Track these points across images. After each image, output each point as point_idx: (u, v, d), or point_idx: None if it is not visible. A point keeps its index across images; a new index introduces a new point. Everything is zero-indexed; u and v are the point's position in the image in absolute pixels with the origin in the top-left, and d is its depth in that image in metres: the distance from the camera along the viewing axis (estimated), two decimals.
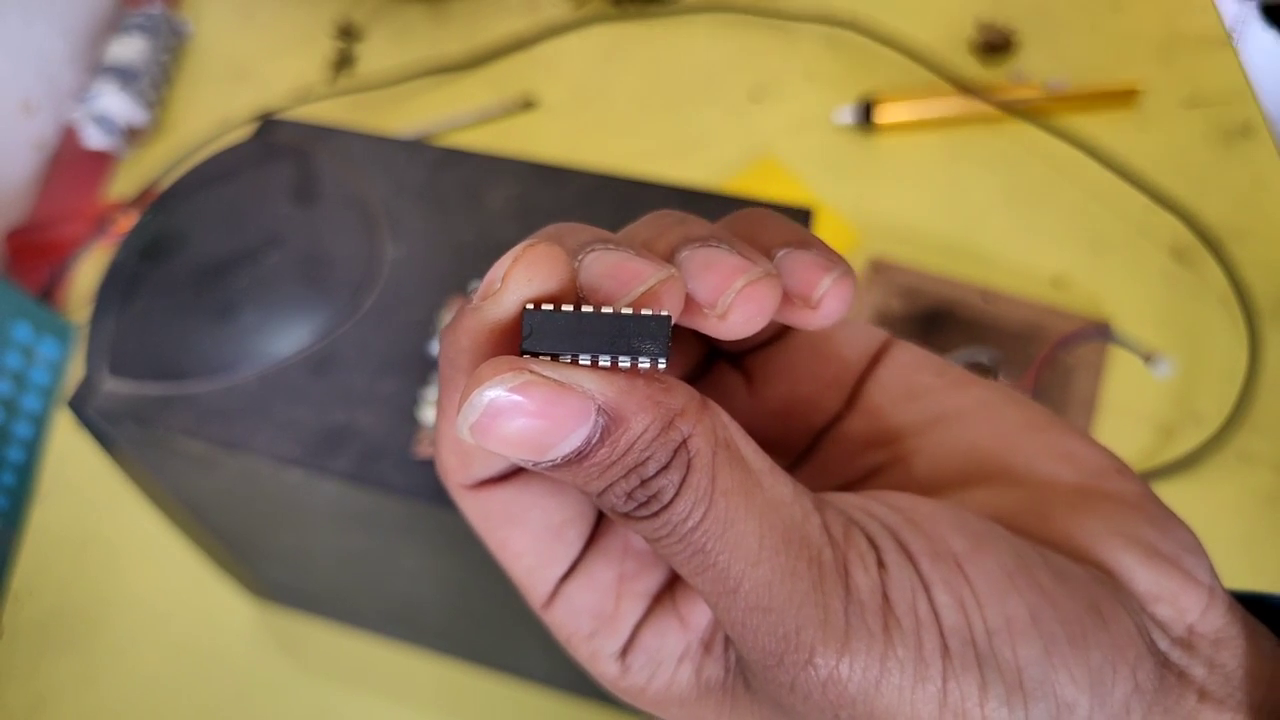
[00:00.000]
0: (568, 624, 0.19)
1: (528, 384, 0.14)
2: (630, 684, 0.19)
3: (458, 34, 0.71)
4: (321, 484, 0.33)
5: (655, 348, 0.15)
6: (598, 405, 0.14)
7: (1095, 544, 0.17)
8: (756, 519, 0.15)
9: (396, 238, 0.38)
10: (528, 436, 0.14)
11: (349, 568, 0.43)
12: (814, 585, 0.15)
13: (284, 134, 0.41)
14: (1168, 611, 0.17)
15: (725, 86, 0.67)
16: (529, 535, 0.18)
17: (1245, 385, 0.51)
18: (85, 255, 0.64)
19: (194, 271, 0.37)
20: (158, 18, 0.71)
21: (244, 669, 0.50)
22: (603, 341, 0.15)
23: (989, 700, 0.15)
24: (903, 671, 0.15)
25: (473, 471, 0.18)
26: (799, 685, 0.15)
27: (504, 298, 0.15)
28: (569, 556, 0.19)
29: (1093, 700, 0.15)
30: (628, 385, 0.15)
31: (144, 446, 0.36)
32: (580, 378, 0.15)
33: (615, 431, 0.15)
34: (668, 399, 0.15)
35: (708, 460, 0.15)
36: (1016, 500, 0.18)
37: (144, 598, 0.52)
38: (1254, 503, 0.49)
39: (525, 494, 0.18)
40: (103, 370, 0.36)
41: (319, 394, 0.34)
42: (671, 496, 0.15)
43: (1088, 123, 0.60)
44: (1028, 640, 0.15)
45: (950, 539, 0.16)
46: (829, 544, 0.16)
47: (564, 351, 0.15)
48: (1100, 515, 0.17)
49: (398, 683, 0.49)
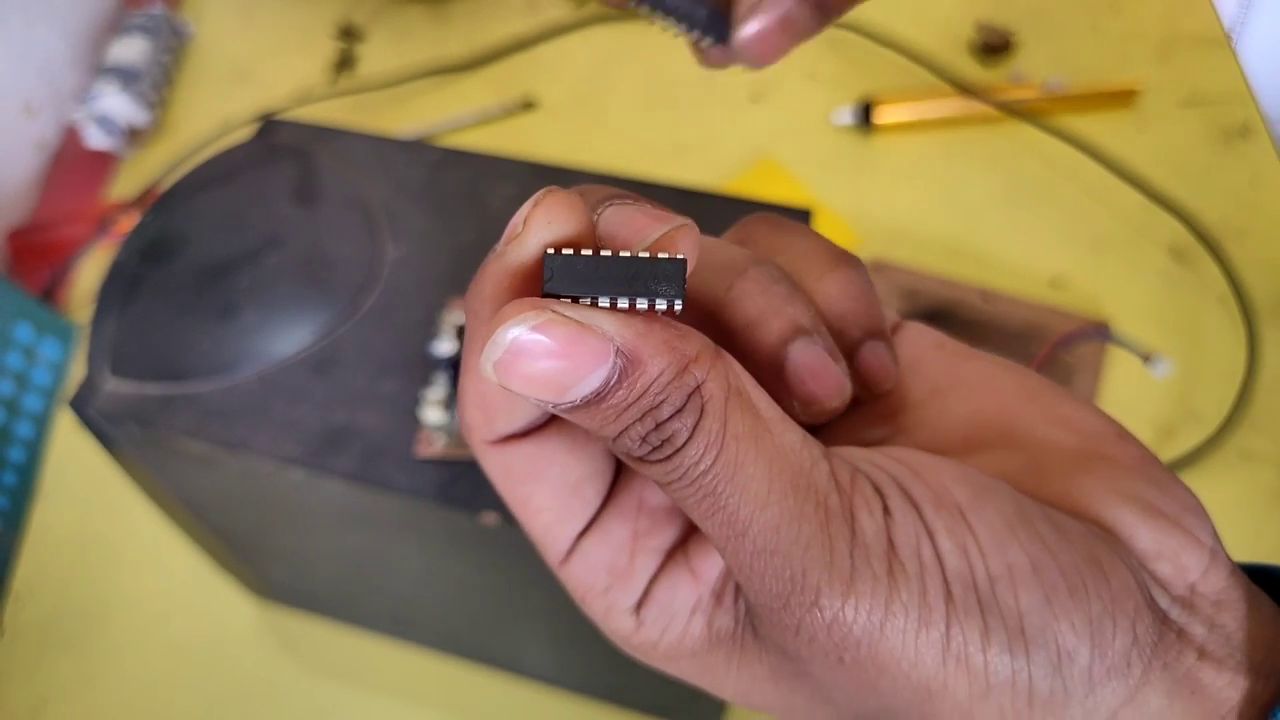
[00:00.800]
0: (584, 579, 0.19)
1: (549, 322, 0.15)
2: (644, 638, 0.19)
3: (458, 35, 0.72)
4: (322, 484, 0.34)
5: (671, 289, 0.15)
6: (616, 347, 0.15)
7: (1096, 502, 0.17)
8: (766, 463, 0.15)
9: (397, 238, 0.38)
10: (549, 375, 0.15)
11: (350, 567, 0.43)
12: (820, 528, 0.15)
13: (285, 135, 0.41)
14: (1168, 569, 0.17)
15: (725, 87, 0.67)
16: (549, 491, 0.19)
17: (1244, 384, 0.52)
18: (87, 256, 0.64)
19: (195, 272, 0.37)
20: (159, 19, 0.71)
21: (245, 668, 0.50)
22: (621, 284, 0.15)
23: (991, 646, 0.15)
24: (907, 615, 0.15)
25: (496, 426, 0.18)
26: (804, 627, 0.15)
27: (526, 240, 0.16)
28: (587, 512, 0.19)
29: (1093, 650, 0.15)
30: (645, 329, 0.15)
31: (145, 446, 0.36)
32: (600, 320, 0.15)
33: (633, 373, 0.15)
34: (683, 344, 0.15)
35: (720, 405, 0.15)
36: (1017, 463, 0.18)
37: (145, 597, 0.52)
38: (1254, 501, 0.49)
39: (546, 449, 0.18)
40: (104, 370, 0.36)
41: (320, 394, 0.34)
42: (685, 440, 0.15)
43: (1087, 123, 0.60)
44: (1029, 588, 0.15)
45: (953, 489, 0.16)
46: (835, 489, 0.16)
47: (584, 294, 0.15)
48: (1100, 475, 0.18)
49: (399, 681, 0.49)
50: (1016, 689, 0.15)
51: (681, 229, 0.16)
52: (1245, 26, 0.84)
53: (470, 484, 0.32)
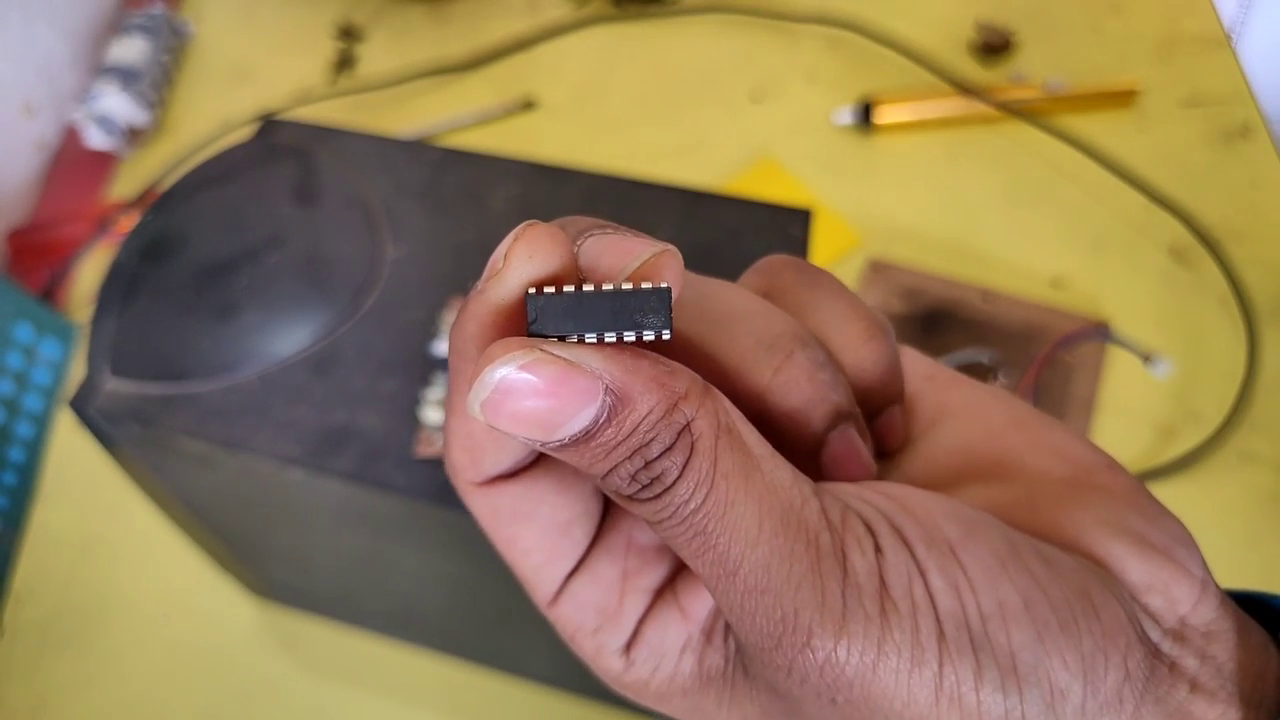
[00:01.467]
0: (573, 620, 0.19)
1: (537, 361, 0.15)
2: (634, 678, 0.19)
3: (458, 35, 0.72)
4: (322, 484, 0.34)
5: (658, 320, 0.15)
6: (605, 385, 0.15)
7: (1086, 535, 0.17)
8: (756, 502, 0.15)
9: (397, 238, 0.38)
10: (537, 415, 0.15)
11: (350, 567, 0.43)
12: (811, 567, 0.15)
13: (285, 134, 0.41)
14: (1159, 602, 0.17)
15: (725, 87, 0.67)
16: (536, 532, 0.18)
17: (1244, 384, 0.52)
18: (87, 255, 0.64)
19: (195, 272, 0.37)
20: (159, 18, 0.71)
21: (245, 668, 0.50)
22: (607, 319, 0.15)
23: (984, 685, 0.15)
24: (899, 655, 0.15)
25: (482, 468, 0.18)
26: (796, 668, 0.15)
27: (507, 277, 0.16)
28: (575, 553, 0.19)
29: (1086, 687, 0.15)
30: (634, 365, 0.15)
31: (145, 446, 0.36)
32: (588, 357, 0.15)
33: (622, 411, 0.15)
34: (672, 381, 0.15)
35: (710, 443, 0.15)
36: (1008, 494, 0.18)
37: (145, 597, 0.52)
38: (1254, 502, 0.49)
39: (534, 491, 0.18)
40: (104, 370, 0.36)
41: (320, 394, 0.34)
42: (674, 479, 0.15)
43: (1087, 123, 0.61)
44: (1021, 625, 0.15)
45: (944, 526, 0.16)
46: (827, 528, 0.16)
47: (570, 332, 0.15)
48: (1091, 507, 0.18)
49: (399, 682, 0.49)
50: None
51: (664, 255, 0.16)
52: (1245, 26, 0.84)
53: None
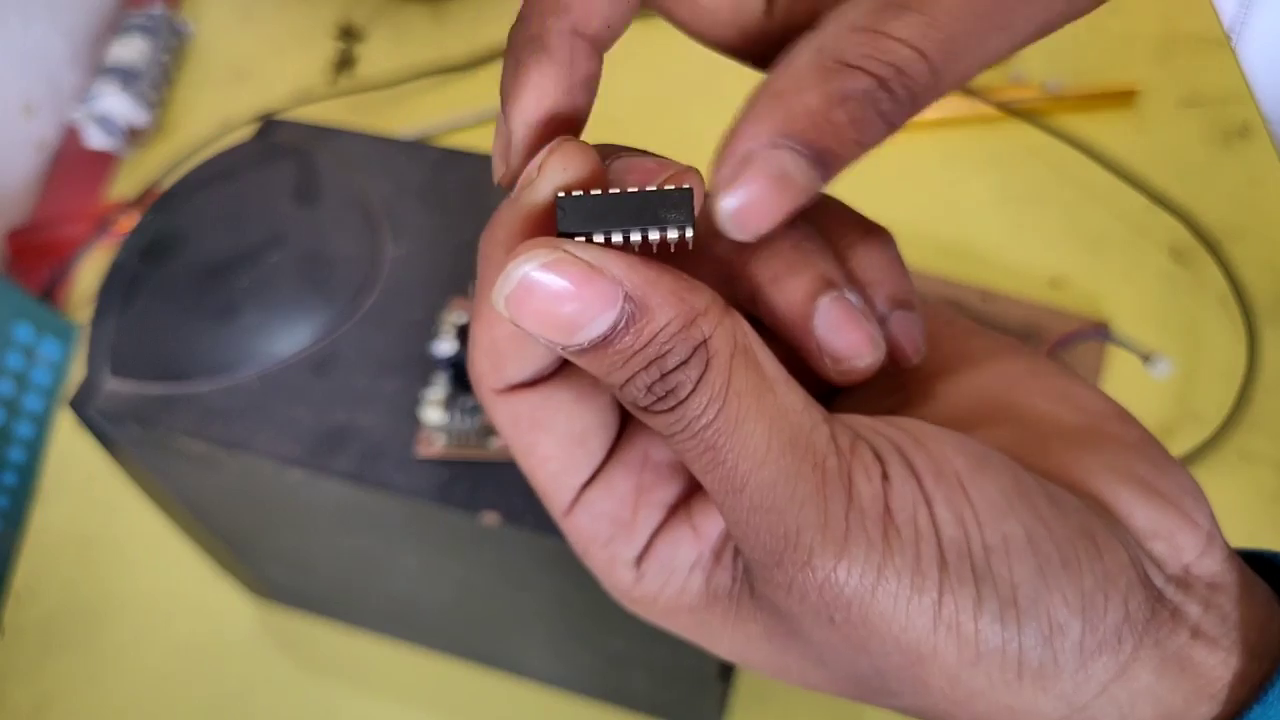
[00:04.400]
0: (587, 530, 0.19)
1: (560, 260, 0.15)
2: (643, 592, 0.19)
3: (458, 35, 0.72)
4: (322, 484, 0.34)
5: (680, 216, 0.16)
6: (625, 292, 0.15)
7: (1094, 479, 0.17)
8: (766, 422, 0.16)
9: (397, 238, 0.38)
10: (558, 314, 0.15)
11: (350, 567, 0.43)
12: (816, 489, 0.16)
13: (285, 134, 0.41)
14: (1163, 548, 0.17)
15: (727, 87, 0.67)
16: (554, 440, 0.19)
17: (1244, 384, 0.52)
18: (87, 255, 0.64)
19: (195, 272, 0.37)
20: (158, 18, 0.71)
21: (246, 668, 0.50)
22: (631, 216, 0.15)
23: (983, 615, 0.15)
24: (899, 580, 0.15)
25: (505, 374, 0.18)
26: (796, 586, 0.16)
27: (540, 185, 0.16)
28: (591, 464, 0.19)
29: (1084, 624, 0.15)
30: (655, 278, 0.15)
31: (145, 446, 0.36)
32: (611, 263, 0.15)
33: (640, 320, 0.15)
34: (692, 297, 0.16)
35: (725, 360, 0.16)
36: (1019, 437, 0.18)
37: (146, 597, 0.52)
38: (1254, 501, 0.49)
39: (552, 399, 0.18)
40: (104, 370, 0.36)
41: (320, 394, 0.34)
42: (688, 392, 0.15)
43: (1086, 123, 0.60)
44: (1023, 560, 0.15)
45: (954, 459, 0.16)
46: (835, 453, 0.16)
47: (596, 229, 0.16)
48: (1100, 452, 0.18)
49: (399, 681, 0.49)
50: (1006, 658, 0.15)
51: (688, 171, 0.17)
52: (1245, 26, 0.84)
53: (470, 484, 0.33)
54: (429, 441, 0.33)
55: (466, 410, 0.33)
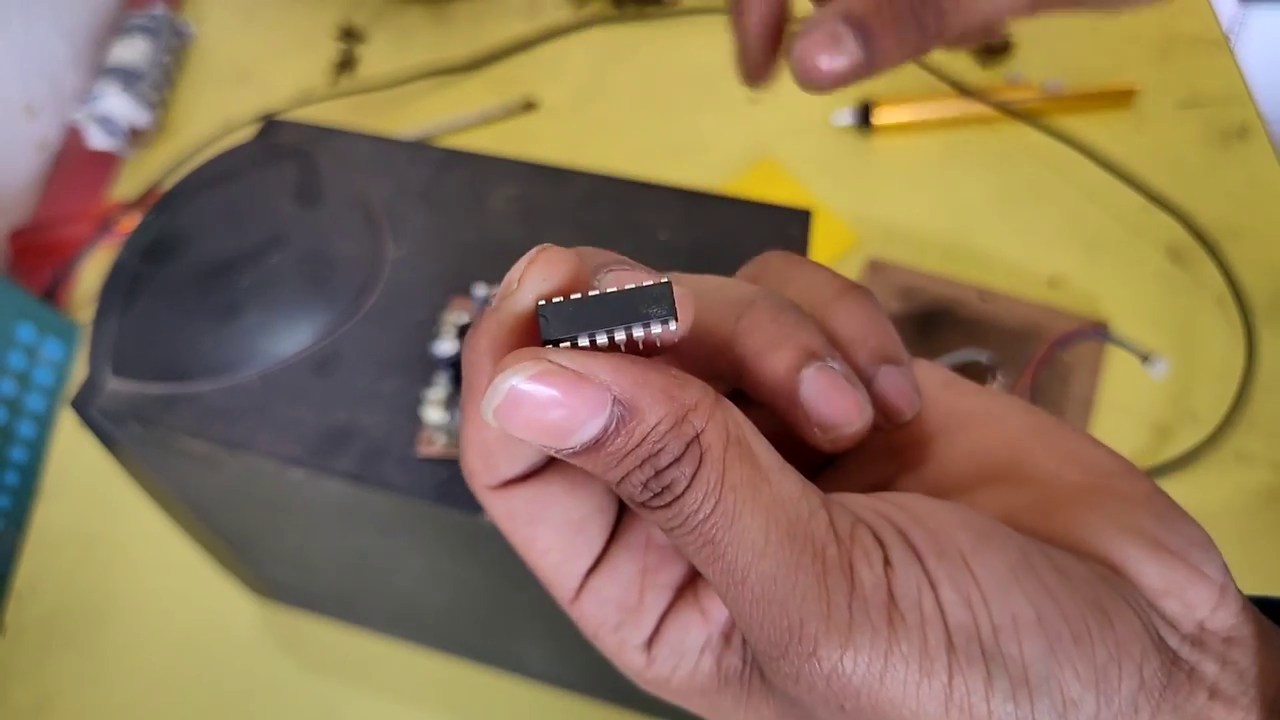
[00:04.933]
0: (595, 617, 0.19)
1: (545, 372, 0.15)
2: (655, 675, 0.19)
3: (459, 36, 0.72)
4: (324, 483, 0.34)
5: (662, 310, 0.16)
6: (613, 396, 0.15)
7: (1101, 539, 0.17)
8: (763, 513, 0.16)
9: (398, 238, 0.38)
10: (548, 423, 0.15)
11: (351, 567, 0.43)
12: (817, 579, 0.16)
13: (286, 135, 0.41)
14: (1176, 607, 0.16)
15: (725, 88, 0.67)
16: (552, 531, 0.19)
17: (1241, 385, 0.52)
18: (88, 256, 0.64)
19: (197, 272, 0.37)
20: (160, 19, 0.71)
21: (247, 668, 0.50)
22: (613, 316, 0.16)
23: (994, 695, 0.15)
24: (907, 665, 0.15)
25: (497, 472, 0.18)
26: (804, 676, 0.16)
27: (520, 295, 0.16)
28: (592, 551, 0.19)
29: (1098, 697, 0.15)
30: (643, 377, 0.16)
31: (147, 446, 0.36)
32: (597, 368, 0.15)
33: (630, 421, 0.15)
34: (682, 393, 0.16)
35: (719, 454, 0.16)
36: (1023, 499, 0.18)
37: (147, 597, 0.53)
38: (1251, 502, 0.49)
39: (546, 491, 0.18)
40: (106, 370, 0.36)
41: (321, 394, 0.35)
42: (684, 488, 0.16)
43: (1085, 124, 0.61)
44: (1033, 638, 0.15)
45: (957, 536, 0.16)
46: (834, 540, 0.16)
47: (579, 333, 0.16)
48: (1106, 511, 0.17)
49: (400, 680, 0.49)
50: None
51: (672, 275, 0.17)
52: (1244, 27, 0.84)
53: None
54: (430, 441, 0.33)
55: None
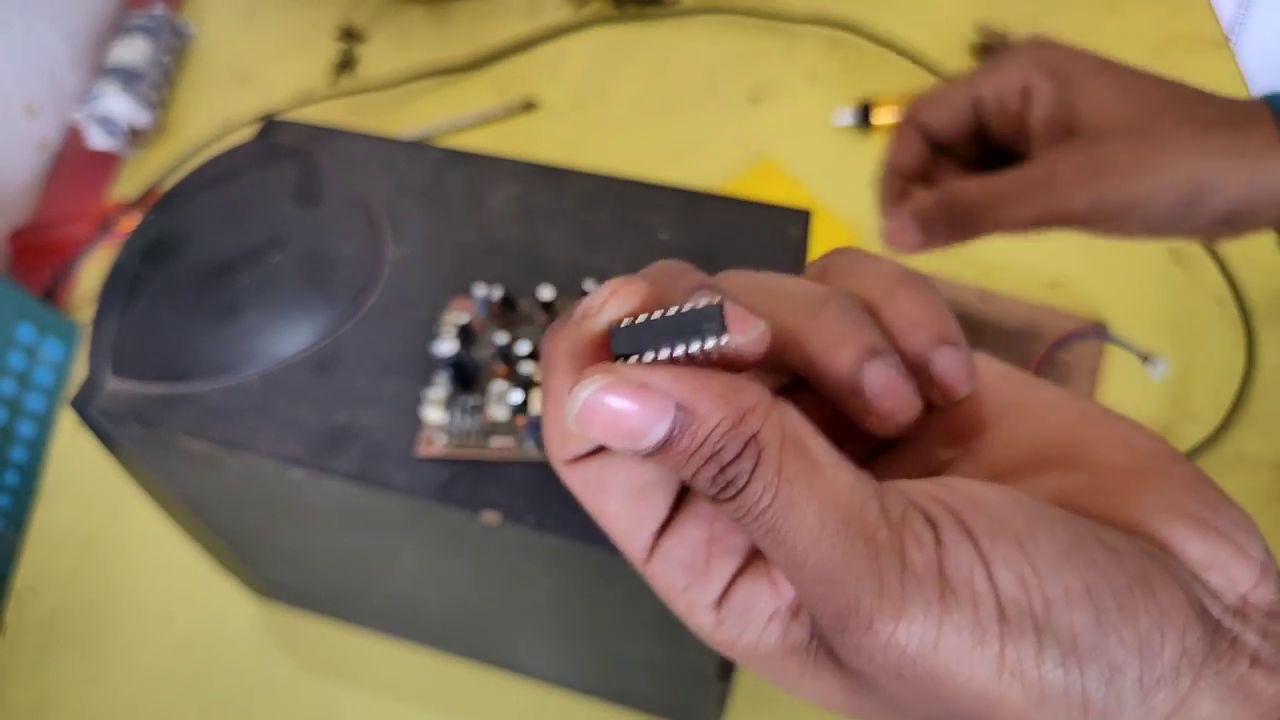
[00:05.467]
0: (664, 577, 0.21)
1: (614, 383, 0.18)
2: (723, 636, 0.21)
3: (459, 36, 0.72)
4: (323, 483, 0.34)
5: (714, 326, 0.18)
6: (675, 402, 0.18)
7: (1149, 519, 0.18)
8: (818, 503, 0.17)
9: (398, 238, 0.38)
10: (620, 427, 0.18)
11: (351, 566, 0.43)
12: (870, 560, 0.17)
13: (286, 135, 0.41)
14: (1219, 580, 0.18)
15: (725, 88, 0.67)
16: (617, 498, 0.20)
17: (1241, 385, 0.52)
18: (88, 256, 0.64)
19: (197, 272, 0.37)
20: (160, 20, 0.71)
21: (247, 667, 0.50)
22: (673, 334, 0.18)
23: (1045, 661, 0.16)
24: (959, 634, 0.17)
25: (570, 448, 0.20)
26: (863, 648, 0.17)
27: (599, 319, 0.19)
28: (658, 516, 0.21)
29: (1142, 663, 0.16)
30: (701, 384, 0.18)
31: (147, 446, 0.36)
32: (659, 379, 0.18)
33: (692, 425, 0.18)
34: (739, 397, 0.18)
35: (775, 451, 0.18)
36: (1077, 483, 0.19)
37: (147, 596, 0.53)
38: (1251, 502, 0.49)
39: (611, 462, 0.20)
40: (106, 370, 0.36)
41: (321, 394, 0.35)
42: (745, 483, 0.18)
43: None
44: (1082, 609, 0.17)
45: (1011, 518, 0.18)
46: (885, 525, 0.17)
47: (644, 349, 0.18)
48: (1154, 493, 0.19)
49: (399, 680, 0.49)
50: (1070, 700, 0.17)
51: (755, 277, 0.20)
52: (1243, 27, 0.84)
53: (470, 483, 0.33)
54: (430, 441, 0.33)
55: (467, 410, 0.33)
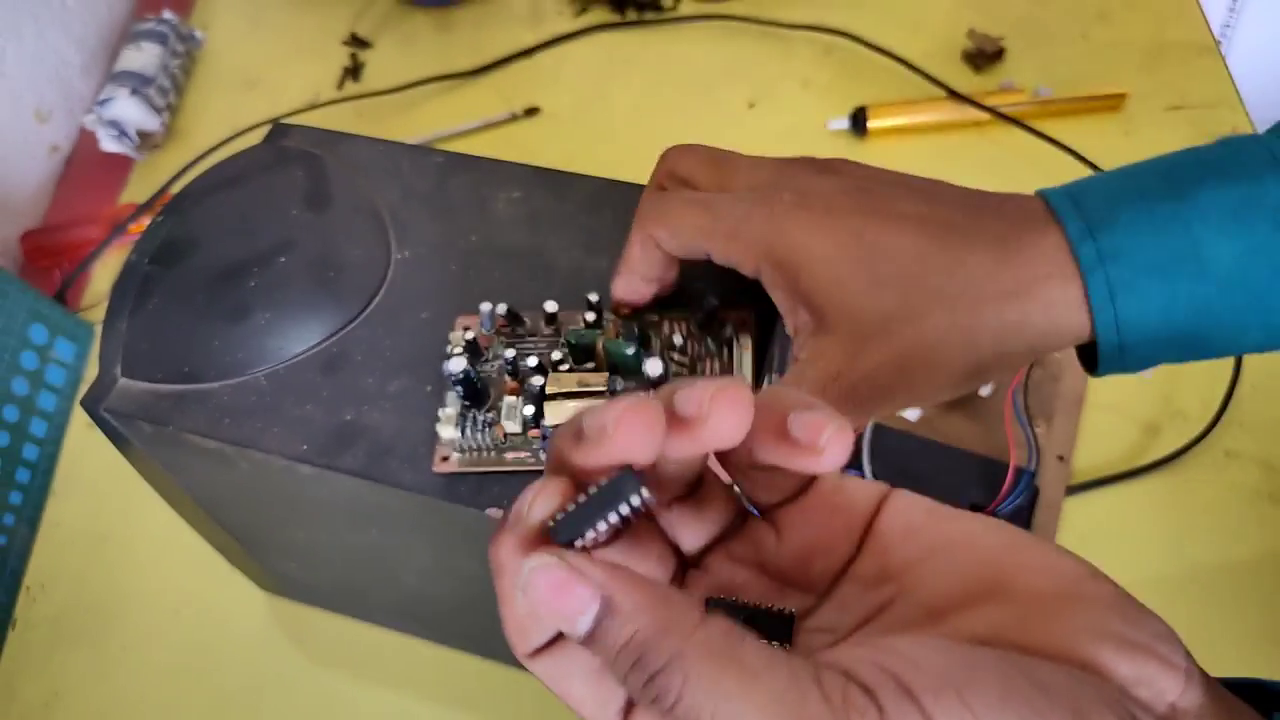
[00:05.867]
0: None
1: (550, 565, 0.19)
2: None
3: (463, 43, 0.72)
4: (331, 480, 0.34)
5: (630, 487, 0.20)
6: (600, 594, 0.19)
7: (1077, 644, 0.19)
8: (758, 713, 0.18)
9: (403, 241, 0.38)
10: (554, 606, 0.19)
11: (359, 562, 0.43)
12: None
13: (294, 139, 0.42)
14: (1148, 693, 0.19)
15: (723, 93, 0.68)
16: (581, 680, 0.22)
17: (1230, 383, 0.52)
18: (100, 257, 0.65)
19: (206, 273, 0.38)
20: (169, 26, 0.72)
21: (255, 662, 0.50)
22: (600, 510, 0.20)
23: None
24: None
25: (531, 640, 0.22)
26: None
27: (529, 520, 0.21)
28: (619, 696, 0.22)
29: None
30: (631, 584, 0.19)
31: (157, 445, 0.37)
32: (592, 570, 0.19)
33: (614, 619, 0.18)
34: (663, 609, 0.19)
35: (706, 668, 0.18)
36: (1007, 615, 0.20)
37: (157, 592, 0.53)
38: (1238, 499, 0.50)
39: (570, 648, 0.22)
40: (116, 370, 0.36)
41: (329, 393, 0.35)
42: (674, 700, 0.18)
43: (1075, 128, 0.61)
44: None
45: (951, 672, 0.18)
46: (829, 714, 0.18)
47: (583, 530, 0.20)
48: (1077, 617, 0.20)
49: (407, 675, 0.50)
50: None
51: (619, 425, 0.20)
52: (1233, 33, 0.85)
53: (475, 481, 0.33)
54: (445, 457, 0.33)
55: (479, 426, 0.33)
